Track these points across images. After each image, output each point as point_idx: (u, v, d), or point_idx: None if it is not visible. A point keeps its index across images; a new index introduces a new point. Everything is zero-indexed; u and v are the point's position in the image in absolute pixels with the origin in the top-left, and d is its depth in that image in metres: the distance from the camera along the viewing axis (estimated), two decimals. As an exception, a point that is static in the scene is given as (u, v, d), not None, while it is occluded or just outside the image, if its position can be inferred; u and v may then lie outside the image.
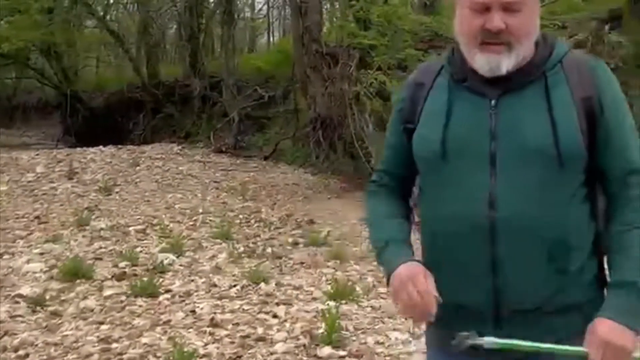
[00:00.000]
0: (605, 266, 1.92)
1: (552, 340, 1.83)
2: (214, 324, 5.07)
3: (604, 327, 1.78)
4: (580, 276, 1.87)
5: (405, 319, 4.66)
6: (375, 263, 6.71)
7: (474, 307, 1.87)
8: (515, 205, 1.82)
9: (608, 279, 1.90)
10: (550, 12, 10.49)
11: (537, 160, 1.81)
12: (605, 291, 1.90)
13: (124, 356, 4.55)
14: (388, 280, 1.94)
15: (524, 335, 1.82)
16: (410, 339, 4.78)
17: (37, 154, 14.39)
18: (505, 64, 1.83)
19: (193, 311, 5.37)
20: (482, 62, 1.84)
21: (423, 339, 2.22)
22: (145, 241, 7.72)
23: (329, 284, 5.94)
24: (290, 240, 7.80)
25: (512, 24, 1.80)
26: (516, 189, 1.82)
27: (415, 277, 1.86)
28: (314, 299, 5.69)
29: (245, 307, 5.46)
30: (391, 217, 2.07)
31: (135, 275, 6.29)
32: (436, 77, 1.99)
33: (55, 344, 4.72)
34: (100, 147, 15.17)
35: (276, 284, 6.05)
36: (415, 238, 2.05)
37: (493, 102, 1.86)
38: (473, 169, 1.86)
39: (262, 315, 5.28)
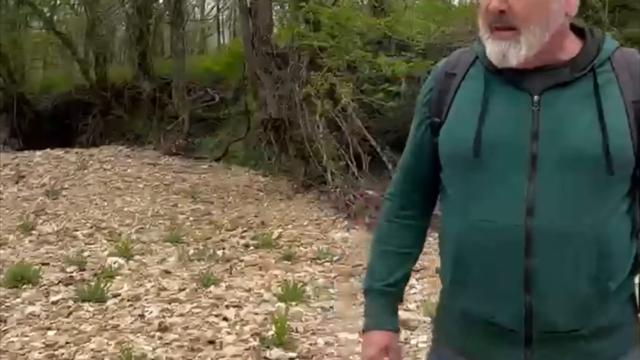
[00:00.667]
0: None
1: None
2: (162, 328, 5.03)
3: None
4: (619, 296, 1.70)
5: None
6: (326, 264, 6.78)
7: (503, 325, 1.69)
8: (556, 213, 1.63)
9: None
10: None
11: (583, 166, 1.63)
12: None
13: (71, 362, 4.49)
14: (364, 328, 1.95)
15: None
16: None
17: (-18, 158, 14.10)
18: (513, 53, 1.65)
19: (142, 315, 5.32)
20: (492, 50, 1.68)
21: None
22: (93, 245, 7.63)
23: (280, 285, 5.93)
24: (241, 242, 7.78)
25: (518, 6, 1.63)
26: (558, 196, 1.63)
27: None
28: (264, 301, 5.68)
29: (195, 311, 5.42)
30: (392, 251, 1.94)
31: (83, 280, 6.22)
32: (469, 68, 1.79)
33: (1, 351, 4.63)
34: (48, 149, 14.90)
35: (226, 287, 6.03)
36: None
37: (536, 98, 1.67)
38: (510, 170, 1.66)
39: (211, 318, 5.26)
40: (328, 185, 9.78)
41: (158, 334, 4.95)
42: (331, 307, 5.55)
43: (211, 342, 4.81)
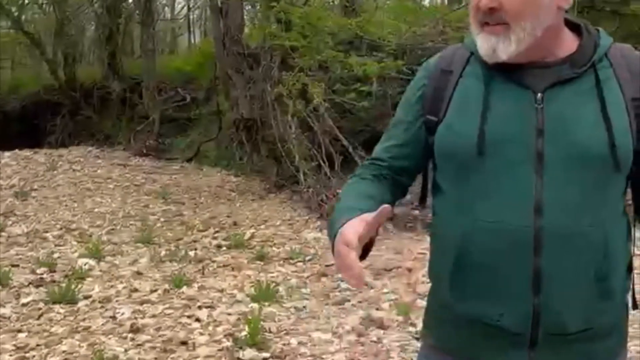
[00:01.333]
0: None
1: None
2: (134, 329, 5.00)
3: None
4: (617, 296, 1.71)
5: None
6: (299, 264, 6.78)
7: (509, 328, 1.66)
8: (563, 213, 1.60)
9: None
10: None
11: (590, 164, 1.61)
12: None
13: (42, 365, 4.45)
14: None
15: None
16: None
17: (-51, 159, 13.90)
18: (502, 48, 1.64)
19: (113, 317, 5.29)
20: (482, 46, 1.66)
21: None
22: (63, 246, 7.56)
23: (252, 286, 5.92)
24: (213, 242, 7.75)
25: (507, 2, 1.62)
26: (565, 195, 1.61)
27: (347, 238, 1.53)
28: (237, 301, 5.67)
29: (167, 312, 5.40)
30: (363, 197, 1.75)
31: (54, 281, 6.16)
32: (466, 65, 1.75)
33: (-31, 355, 4.58)
34: (16, 150, 14.73)
35: (199, 287, 6.01)
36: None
37: (539, 95, 1.64)
38: (516, 168, 1.63)
39: (184, 319, 5.23)
40: (300, 185, 9.78)
41: (130, 335, 4.92)
42: (304, 307, 5.55)
43: (184, 343, 4.78)
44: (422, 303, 3.90)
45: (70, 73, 18.51)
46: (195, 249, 7.41)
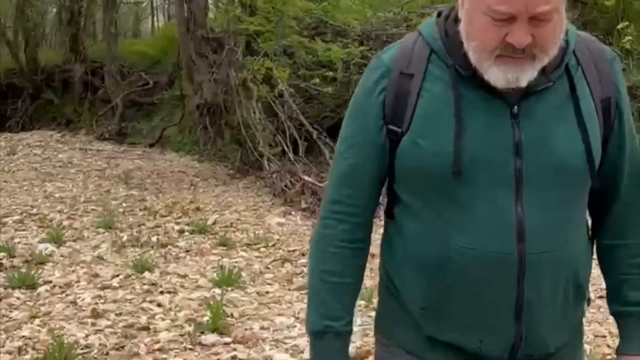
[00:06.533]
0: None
1: None
2: (95, 314, 4.97)
3: None
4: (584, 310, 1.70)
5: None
6: (262, 249, 6.77)
7: (488, 354, 1.59)
8: (546, 236, 1.52)
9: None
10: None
11: (568, 180, 1.53)
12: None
13: (1, 350, 4.40)
14: None
15: None
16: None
17: None
18: (527, 77, 1.47)
19: (74, 302, 5.26)
20: (498, 76, 1.47)
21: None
22: (23, 231, 7.47)
23: (215, 271, 5.90)
24: (176, 228, 7.69)
25: (540, 35, 1.44)
26: (546, 217, 1.52)
27: None
28: (200, 287, 5.65)
29: (129, 297, 5.38)
30: (347, 284, 1.69)
31: (13, 266, 6.11)
32: (427, 66, 1.57)
33: None
34: (-24, 134, 14.52)
35: (161, 273, 5.98)
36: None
37: (515, 108, 1.52)
38: (494, 189, 1.51)
39: (145, 305, 5.22)
40: (264, 170, 9.76)
41: (91, 320, 4.89)
42: (267, 292, 5.55)
43: (145, 328, 4.77)
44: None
45: (32, 56, 18.23)
46: (158, 235, 7.36)
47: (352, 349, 1.83)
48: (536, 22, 1.42)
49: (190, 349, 4.48)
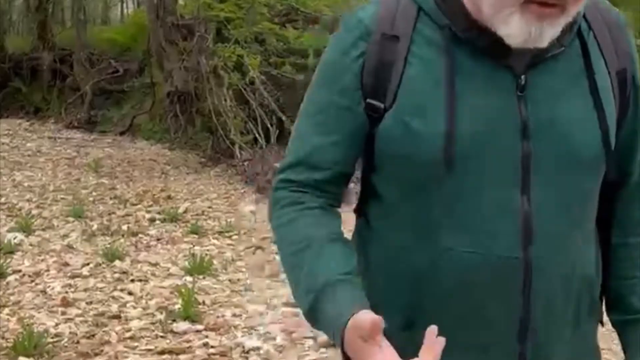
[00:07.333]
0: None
1: None
2: (65, 303, 4.93)
3: None
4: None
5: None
6: (234, 237, 6.75)
7: None
8: (558, 238, 1.26)
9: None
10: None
11: (584, 167, 1.27)
12: None
13: (-31, 340, 4.35)
14: (335, 334, 1.18)
15: None
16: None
17: None
18: (550, 34, 1.19)
19: (44, 291, 5.22)
20: (520, 28, 1.16)
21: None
22: (-9, 221, 7.38)
23: (187, 259, 5.88)
24: (147, 216, 7.64)
25: None
26: (559, 213, 1.26)
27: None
28: (171, 275, 5.63)
29: (99, 286, 5.35)
30: (329, 240, 1.29)
31: (-19, 256, 6.02)
32: (415, 26, 1.27)
33: None
34: (-58, 123, 14.30)
35: (131, 261, 5.94)
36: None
37: (522, 78, 1.24)
38: (495, 181, 1.23)
39: (116, 293, 5.19)
40: (236, 158, 9.74)
41: (61, 309, 4.85)
42: (239, 279, 5.55)
43: (116, 316, 4.75)
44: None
45: (-1, 43, 18.01)
46: (129, 223, 7.30)
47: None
48: None
49: (161, 336, 4.46)
